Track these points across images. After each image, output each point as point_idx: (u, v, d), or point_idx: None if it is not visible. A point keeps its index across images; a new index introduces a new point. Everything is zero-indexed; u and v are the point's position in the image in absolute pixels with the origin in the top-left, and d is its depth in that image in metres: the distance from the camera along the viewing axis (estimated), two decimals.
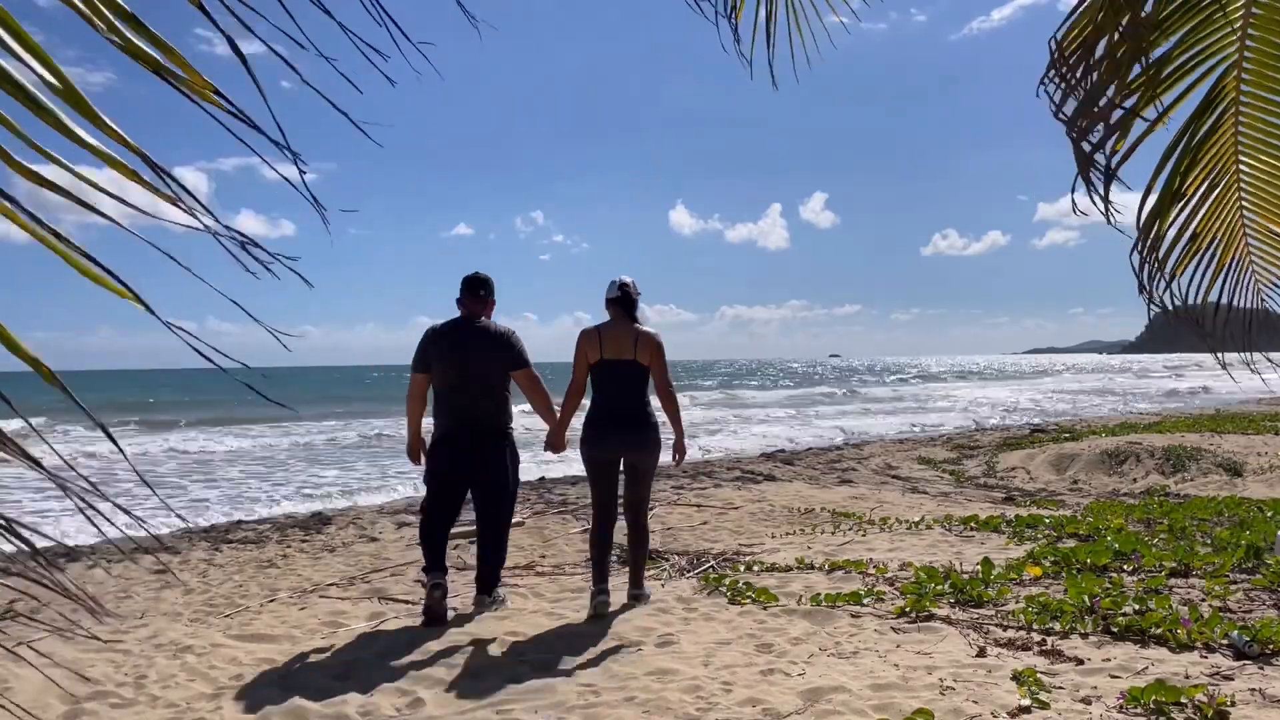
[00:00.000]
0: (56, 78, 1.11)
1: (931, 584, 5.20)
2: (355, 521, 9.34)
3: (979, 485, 12.11)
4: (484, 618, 5.14)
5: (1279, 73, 2.60)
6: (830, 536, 7.50)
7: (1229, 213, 2.86)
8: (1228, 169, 2.78)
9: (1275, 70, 2.59)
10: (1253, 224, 2.87)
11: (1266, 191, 2.81)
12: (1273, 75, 2.61)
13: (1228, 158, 2.77)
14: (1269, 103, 2.66)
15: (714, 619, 4.87)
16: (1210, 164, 2.77)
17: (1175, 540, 6.39)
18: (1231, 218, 2.87)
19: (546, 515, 9.21)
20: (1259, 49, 2.57)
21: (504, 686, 3.93)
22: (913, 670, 3.84)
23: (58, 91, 1.11)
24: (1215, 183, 2.80)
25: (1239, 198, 2.84)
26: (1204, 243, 2.87)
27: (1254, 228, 2.88)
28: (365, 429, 24.86)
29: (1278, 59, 2.57)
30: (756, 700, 3.56)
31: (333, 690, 4.01)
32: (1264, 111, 2.68)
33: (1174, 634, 4.09)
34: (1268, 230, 2.87)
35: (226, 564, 7.30)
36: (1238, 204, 2.85)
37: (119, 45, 1.13)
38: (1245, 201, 2.84)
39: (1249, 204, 2.85)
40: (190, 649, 4.72)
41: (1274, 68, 2.59)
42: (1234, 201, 2.84)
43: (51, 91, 1.11)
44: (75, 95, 1.11)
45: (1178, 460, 12.35)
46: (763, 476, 12.55)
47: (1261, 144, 2.73)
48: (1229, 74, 2.62)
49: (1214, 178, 2.79)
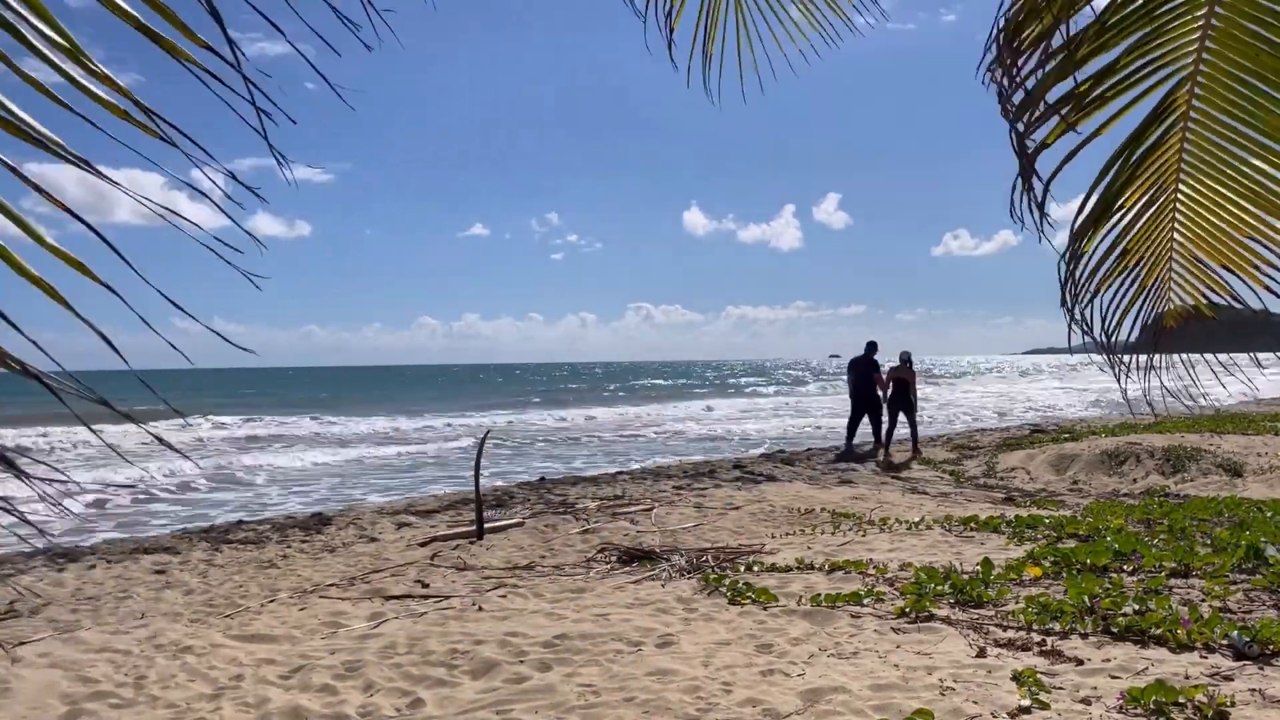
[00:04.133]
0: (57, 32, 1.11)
1: (931, 584, 5.19)
2: (355, 522, 9.34)
3: (979, 485, 12.10)
4: (484, 618, 5.14)
5: (1234, 92, 2.46)
6: (830, 537, 7.50)
7: (1162, 233, 2.74)
8: (1167, 187, 2.67)
9: (1230, 89, 2.47)
10: (1181, 249, 2.74)
11: (1201, 216, 2.69)
12: (1226, 94, 2.48)
13: (1169, 175, 2.65)
14: (1219, 123, 2.53)
15: (714, 619, 4.87)
16: (1151, 180, 2.65)
17: (1175, 541, 6.39)
18: (1163, 239, 2.75)
19: (546, 515, 9.21)
20: (1215, 64, 2.45)
21: (504, 686, 3.93)
22: (913, 670, 3.84)
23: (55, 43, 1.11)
24: (1153, 200, 2.68)
25: (1172, 221, 2.72)
26: (1132, 260, 2.75)
27: (1181, 253, 2.75)
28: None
29: (1234, 77, 2.45)
30: (756, 700, 3.56)
31: (333, 690, 4.01)
32: (1213, 132, 2.55)
33: (1174, 634, 4.08)
34: (1192, 257, 2.73)
35: (226, 564, 7.30)
36: (1170, 227, 2.73)
37: (103, 3, 1.12)
38: (1178, 224, 2.72)
39: (1181, 227, 2.72)
40: (190, 649, 4.72)
41: (1229, 86, 2.46)
42: (1168, 224, 2.73)
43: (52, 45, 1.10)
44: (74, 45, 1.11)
45: (1177, 461, 12.35)
46: (763, 477, 12.55)
47: (1206, 165, 2.61)
48: (1181, 87, 2.50)
49: (1153, 194, 2.67)
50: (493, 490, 11.50)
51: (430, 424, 30.56)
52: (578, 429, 28.00)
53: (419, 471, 16.73)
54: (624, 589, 5.75)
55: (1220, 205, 2.64)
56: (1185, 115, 2.54)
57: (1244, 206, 2.60)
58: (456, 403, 47.52)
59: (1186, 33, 2.44)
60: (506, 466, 17.03)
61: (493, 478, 13.86)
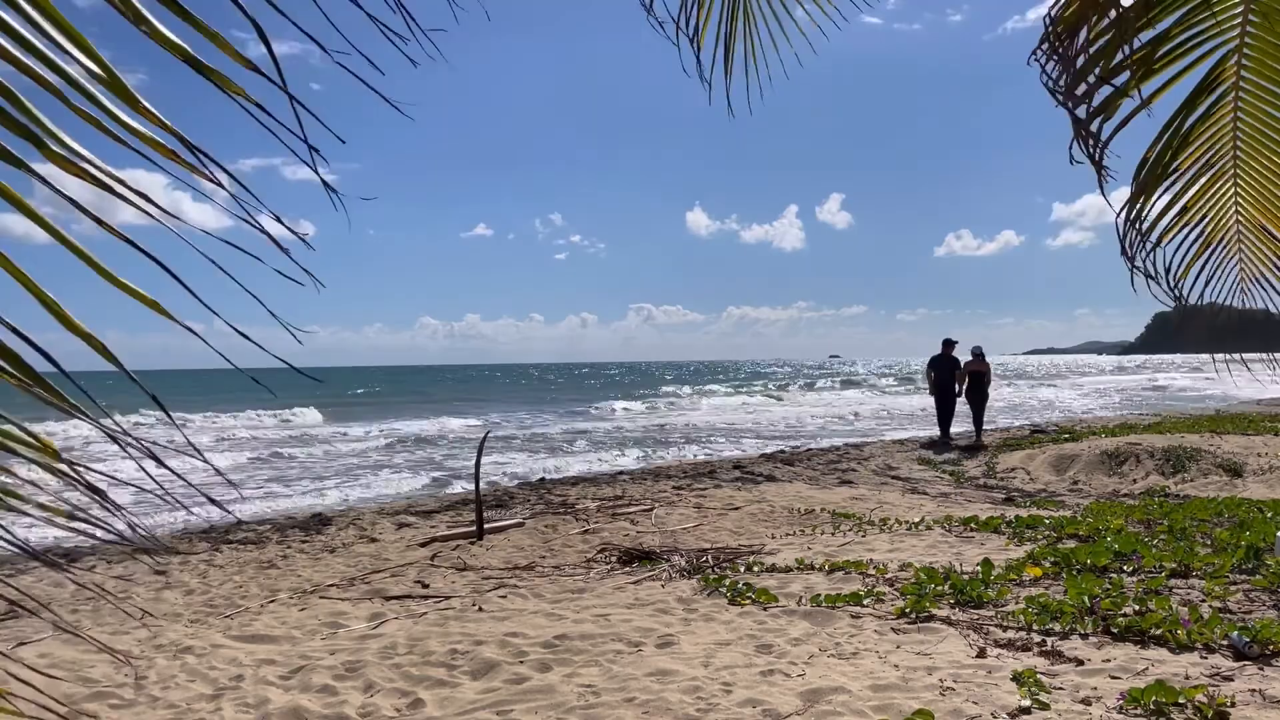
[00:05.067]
0: (97, 64, 1.12)
1: (931, 585, 5.19)
2: (355, 522, 9.34)
3: (979, 486, 12.11)
4: (484, 618, 5.13)
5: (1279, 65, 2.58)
6: (830, 537, 7.50)
7: (1221, 199, 2.84)
8: (1222, 154, 2.77)
9: (1276, 62, 2.57)
10: (1245, 217, 2.85)
11: (1264, 189, 2.79)
12: (1273, 66, 2.59)
13: (1223, 143, 2.75)
14: (1272, 94, 2.63)
15: (714, 619, 4.87)
16: (1205, 146, 2.76)
17: (1175, 541, 6.39)
18: (1222, 203, 2.85)
19: (546, 516, 9.21)
20: (1260, 36, 2.55)
21: (504, 687, 3.93)
22: (913, 671, 3.84)
23: (101, 80, 1.12)
24: (1210, 164, 2.79)
25: (1234, 189, 2.82)
26: (1194, 218, 2.87)
27: (1246, 221, 2.86)
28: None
29: (1278, 51, 2.55)
30: (756, 701, 3.56)
31: (333, 690, 4.01)
32: (1267, 104, 2.65)
33: (1174, 635, 4.09)
34: (1261, 227, 2.86)
35: (226, 564, 7.30)
36: (1231, 193, 2.83)
37: (146, 33, 1.13)
38: (1240, 195, 2.83)
39: (1243, 197, 2.83)
40: (190, 649, 4.72)
41: (1275, 59, 2.57)
42: (1227, 190, 2.83)
43: (93, 79, 1.12)
44: (117, 82, 1.12)
45: (1177, 461, 12.34)
46: (763, 477, 12.55)
47: (1262, 138, 2.71)
48: (1228, 59, 2.60)
49: (1209, 158, 2.79)
50: (493, 490, 11.51)
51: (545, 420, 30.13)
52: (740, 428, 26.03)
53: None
54: (624, 589, 5.75)
55: (1277, 173, 2.79)
56: (1236, 86, 2.67)
57: None
58: (534, 404, 45.11)
59: (1230, 6, 2.56)
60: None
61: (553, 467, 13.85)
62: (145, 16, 1.13)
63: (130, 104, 1.14)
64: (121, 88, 1.13)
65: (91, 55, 1.12)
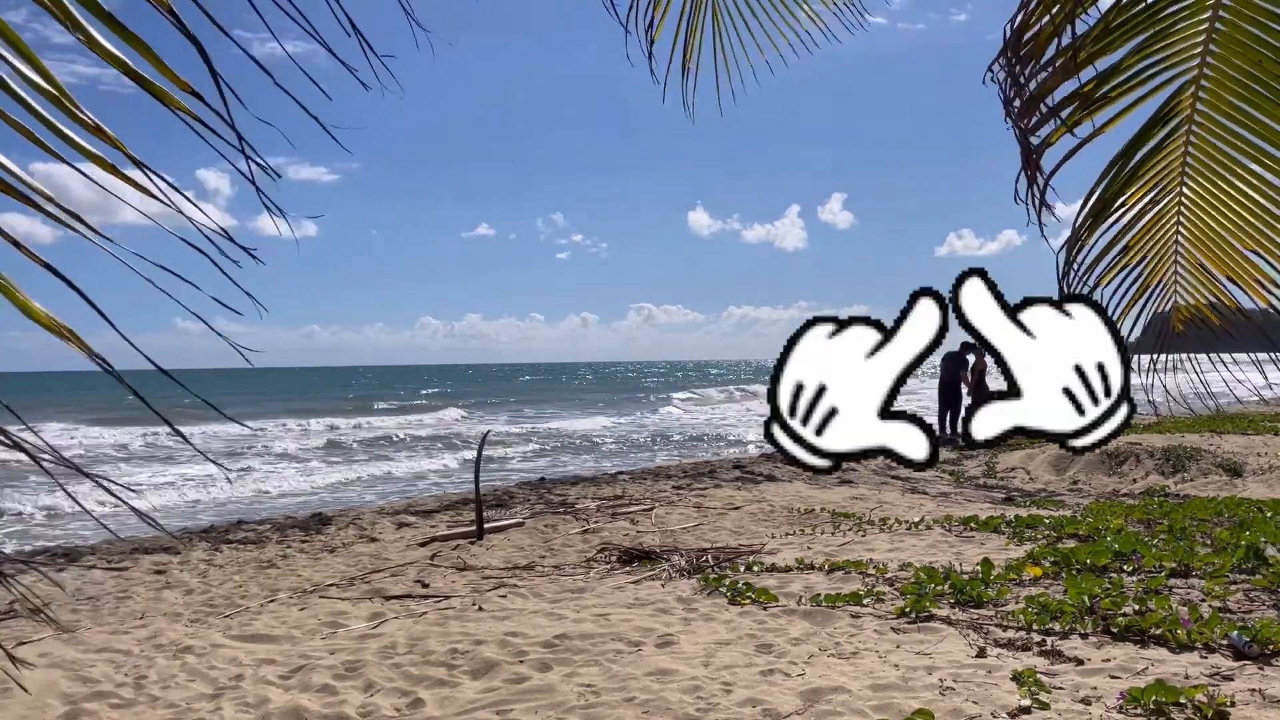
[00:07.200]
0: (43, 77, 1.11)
1: (931, 584, 5.20)
2: (355, 522, 9.34)
3: (978, 486, 12.11)
4: (484, 618, 5.14)
5: (1238, 97, 2.46)
6: (830, 537, 7.50)
7: (1165, 234, 2.74)
8: (1170, 189, 2.67)
9: (1235, 94, 2.46)
10: (1185, 252, 2.74)
11: (1204, 220, 2.68)
12: (1231, 99, 2.47)
13: (1172, 177, 2.65)
14: (1223, 128, 2.52)
15: (714, 619, 4.87)
16: (1153, 181, 2.65)
17: (1175, 541, 6.39)
18: (1166, 239, 2.75)
19: (546, 515, 9.21)
20: (1219, 68, 2.45)
21: (504, 686, 3.93)
22: (912, 670, 3.84)
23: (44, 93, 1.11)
24: (1156, 200, 2.69)
25: (1176, 227, 2.72)
26: (1134, 258, 2.76)
27: (1185, 255, 2.75)
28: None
29: (1238, 82, 2.44)
30: (756, 701, 3.56)
31: (333, 690, 4.01)
32: (1217, 137, 2.54)
33: (1174, 634, 4.09)
34: (1197, 262, 2.72)
35: (226, 564, 7.30)
36: (1174, 233, 2.73)
37: (83, 42, 1.12)
38: (1182, 230, 2.71)
39: (1185, 233, 2.72)
40: (190, 649, 4.72)
41: (1234, 91, 2.46)
42: (1171, 226, 2.72)
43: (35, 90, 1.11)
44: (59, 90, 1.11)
45: (1177, 460, 12.34)
46: (763, 477, 12.55)
47: (1210, 169, 2.60)
48: (1185, 91, 2.50)
49: (1155, 195, 2.68)
50: (493, 490, 11.51)
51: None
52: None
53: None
54: (624, 589, 5.75)
55: (1223, 210, 2.63)
56: (1190, 119, 2.54)
57: (1247, 212, 2.59)
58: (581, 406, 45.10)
59: (1190, 35, 2.43)
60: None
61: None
62: (81, 24, 1.12)
63: (69, 114, 1.13)
64: (63, 96, 1.12)
65: (32, 62, 1.11)
